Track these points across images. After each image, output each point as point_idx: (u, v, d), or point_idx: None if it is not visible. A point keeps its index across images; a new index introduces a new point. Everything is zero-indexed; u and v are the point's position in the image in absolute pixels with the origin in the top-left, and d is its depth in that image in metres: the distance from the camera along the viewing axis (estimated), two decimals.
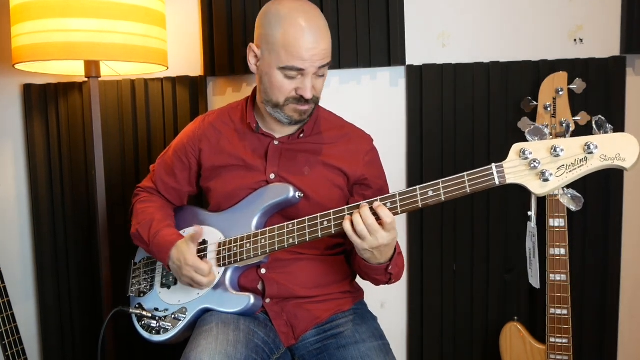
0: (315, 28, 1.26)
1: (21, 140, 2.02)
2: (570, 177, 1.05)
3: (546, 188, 1.06)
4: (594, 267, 1.84)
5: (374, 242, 1.15)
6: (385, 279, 1.29)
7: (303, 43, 1.24)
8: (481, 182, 1.10)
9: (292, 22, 1.25)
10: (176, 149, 1.48)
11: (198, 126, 1.46)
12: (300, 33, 1.24)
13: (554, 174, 1.05)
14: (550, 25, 1.85)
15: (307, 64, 1.26)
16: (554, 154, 1.05)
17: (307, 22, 1.25)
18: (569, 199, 1.11)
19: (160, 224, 1.41)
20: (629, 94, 1.81)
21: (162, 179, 1.50)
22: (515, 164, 1.08)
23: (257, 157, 1.39)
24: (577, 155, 1.04)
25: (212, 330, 1.23)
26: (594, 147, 1.03)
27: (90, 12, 1.49)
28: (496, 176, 1.09)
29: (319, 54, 1.26)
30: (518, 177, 1.08)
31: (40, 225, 1.99)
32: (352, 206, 1.20)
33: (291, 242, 1.26)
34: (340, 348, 1.30)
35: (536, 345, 1.75)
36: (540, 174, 1.06)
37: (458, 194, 1.11)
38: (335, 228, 1.21)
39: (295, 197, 1.32)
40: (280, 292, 1.35)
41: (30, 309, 2.07)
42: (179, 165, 1.47)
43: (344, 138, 1.41)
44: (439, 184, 1.13)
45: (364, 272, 1.32)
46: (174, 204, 1.52)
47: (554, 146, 1.05)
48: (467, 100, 1.85)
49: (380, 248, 1.16)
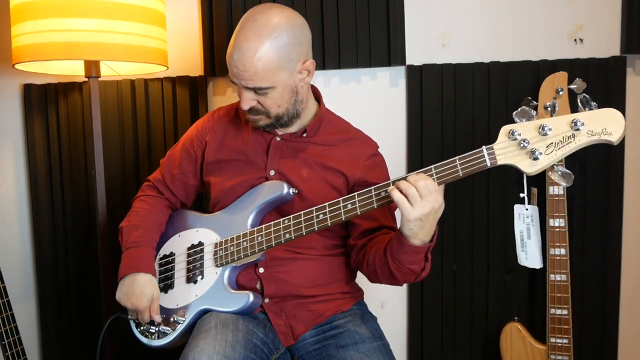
0: (244, 46, 1.22)
1: (21, 140, 2.02)
2: (559, 154, 1.07)
3: (536, 166, 1.08)
4: (594, 267, 1.84)
5: (425, 207, 1.09)
6: (419, 269, 1.20)
7: (229, 54, 1.25)
8: (472, 164, 1.11)
9: (237, 28, 1.26)
10: (185, 142, 1.50)
11: (207, 119, 1.48)
12: (230, 46, 1.26)
13: (544, 152, 1.07)
14: (550, 25, 1.85)
15: (235, 80, 1.27)
16: (542, 132, 1.07)
17: (241, 36, 1.24)
18: (559, 175, 1.12)
19: (143, 237, 1.41)
20: (629, 94, 1.81)
21: (170, 171, 1.51)
22: (504, 145, 1.10)
23: (258, 152, 1.39)
24: (565, 133, 1.07)
25: (211, 331, 1.23)
26: (581, 123, 1.05)
27: (90, 12, 1.50)
28: (487, 158, 1.10)
29: (241, 75, 1.24)
30: (508, 158, 1.10)
31: (40, 225, 1.99)
32: (346, 197, 1.20)
33: (288, 237, 1.26)
34: (339, 348, 1.29)
35: (536, 345, 1.75)
36: (529, 153, 1.08)
37: (450, 177, 1.12)
38: (331, 220, 1.21)
39: (289, 193, 1.32)
40: (279, 291, 1.35)
41: (30, 309, 2.07)
42: (186, 158, 1.48)
43: (347, 142, 1.39)
44: (431, 170, 1.14)
45: (397, 262, 1.20)
46: (179, 198, 1.52)
47: (541, 125, 1.07)
48: (467, 101, 1.85)
49: (429, 215, 1.11)
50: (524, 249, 1.36)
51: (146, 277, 1.35)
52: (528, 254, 1.36)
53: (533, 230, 1.33)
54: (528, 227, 1.31)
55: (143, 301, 1.33)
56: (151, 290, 1.35)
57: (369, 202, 1.19)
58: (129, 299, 1.34)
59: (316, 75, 1.90)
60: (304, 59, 1.29)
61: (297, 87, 1.30)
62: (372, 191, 1.18)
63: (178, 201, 1.53)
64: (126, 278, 1.35)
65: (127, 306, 1.35)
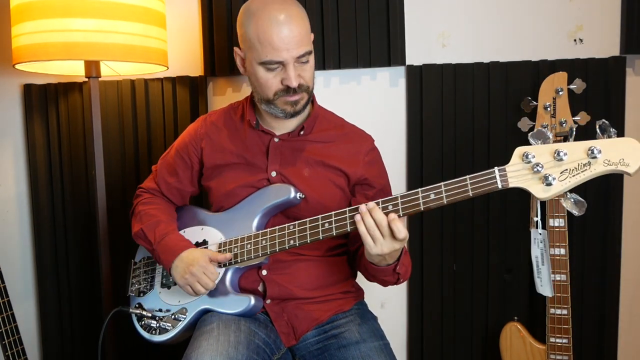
0: (285, 17, 1.25)
1: (21, 140, 2.02)
2: (573, 181, 1.04)
3: (549, 192, 1.05)
4: (594, 267, 1.84)
5: (384, 247, 1.14)
6: (394, 280, 1.28)
7: (274, 34, 1.24)
8: (484, 185, 1.09)
9: (261, 15, 1.26)
10: (178, 149, 1.48)
11: (200, 125, 1.47)
12: (268, 24, 1.25)
13: (557, 179, 1.04)
14: (550, 25, 1.85)
15: (284, 55, 1.26)
16: (557, 158, 1.04)
17: (276, 12, 1.25)
18: (572, 203, 1.09)
19: (168, 227, 1.41)
20: (628, 94, 1.81)
21: (165, 179, 1.50)
22: (517, 167, 1.07)
23: (258, 154, 1.39)
24: (581, 160, 1.03)
25: (213, 331, 1.23)
26: (598, 151, 1.02)
27: (90, 12, 1.49)
28: (499, 180, 1.08)
29: (292, 42, 1.25)
30: (521, 181, 1.07)
31: (40, 225, 1.99)
32: (353, 208, 1.20)
33: (292, 244, 1.26)
34: (340, 348, 1.30)
35: (536, 345, 1.75)
36: (543, 178, 1.05)
37: (460, 197, 1.10)
38: (336, 230, 1.21)
39: (296, 197, 1.32)
40: (281, 293, 1.35)
41: (30, 309, 2.07)
42: (181, 165, 1.47)
43: (344, 137, 1.40)
44: (441, 187, 1.12)
45: (371, 275, 1.31)
46: (176, 204, 1.52)
47: (557, 150, 1.03)
48: (467, 100, 1.85)
49: (391, 253, 1.16)
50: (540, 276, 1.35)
51: (187, 251, 1.34)
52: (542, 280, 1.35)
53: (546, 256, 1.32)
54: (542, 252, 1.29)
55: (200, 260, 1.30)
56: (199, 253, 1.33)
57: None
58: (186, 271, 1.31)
59: (316, 75, 1.90)
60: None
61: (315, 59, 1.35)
62: (380, 204, 1.17)
63: (175, 206, 1.53)
64: (173, 264, 1.34)
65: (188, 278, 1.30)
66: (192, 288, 1.32)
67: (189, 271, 1.31)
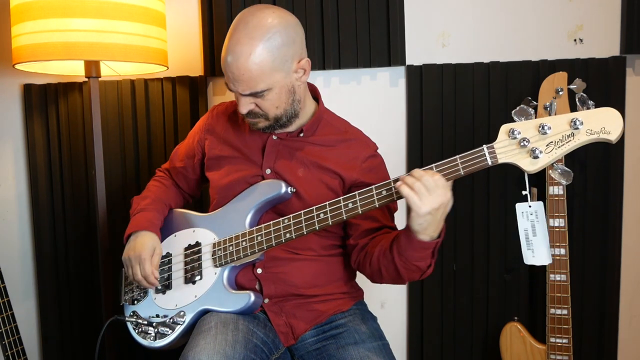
0: (236, 53, 1.21)
1: (21, 140, 2.02)
2: (559, 152, 1.09)
3: (537, 165, 1.10)
4: (594, 267, 1.84)
5: (434, 201, 1.09)
6: (425, 266, 1.20)
7: (224, 63, 1.24)
8: (473, 163, 1.12)
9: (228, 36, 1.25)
10: (189, 137, 1.55)
11: (208, 116, 1.51)
12: (224, 51, 1.25)
13: (544, 151, 1.09)
14: (550, 25, 1.85)
15: (230, 86, 1.26)
16: (541, 131, 1.08)
17: (230, 42, 1.23)
18: (559, 173, 1.15)
19: (150, 205, 1.46)
20: (628, 94, 1.81)
21: (174, 163, 1.57)
22: (505, 143, 1.11)
23: (255, 150, 1.39)
24: (564, 132, 1.08)
25: (211, 331, 1.23)
26: (580, 122, 1.07)
27: (90, 12, 1.50)
28: (488, 156, 1.12)
29: (237, 79, 1.23)
30: (509, 156, 1.11)
31: (40, 225, 1.99)
32: (348, 196, 1.20)
33: (288, 237, 1.26)
34: (339, 348, 1.29)
35: (536, 345, 1.75)
36: (530, 152, 1.09)
37: (452, 176, 1.13)
38: (332, 219, 1.21)
39: (287, 192, 1.32)
40: (278, 290, 1.35)
41: (30, 309, 2.07)
42: (188, 152, 1.53)
43: (344, 143, 1.38)
44: (432, 168, 1.14)
45: (403, 259, 1.20)
46: (182, 189, 1.58)
47: (541, 124, 1.08)
48: (467, 100, 1.85)
49: (439, 210, 1.11)
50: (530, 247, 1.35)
51: (149, 234, 1.40)
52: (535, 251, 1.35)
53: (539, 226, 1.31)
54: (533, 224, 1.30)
55: (144, 250, 1.35)
56: (152, 243, 1.38)
57: (370, 201, 1.19)
58: (132, 249, 1.37)
59: (316, 75, 1.92)
60: (299, 57, 1.29)
61: (294, 87, 1.30)
62: (374, 190, 1.18)
63: (183, 193, 1.59)
64: (131, 236, 1.41)
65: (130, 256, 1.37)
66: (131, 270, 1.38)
67: (128, 255, 1.38)
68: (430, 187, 1.09)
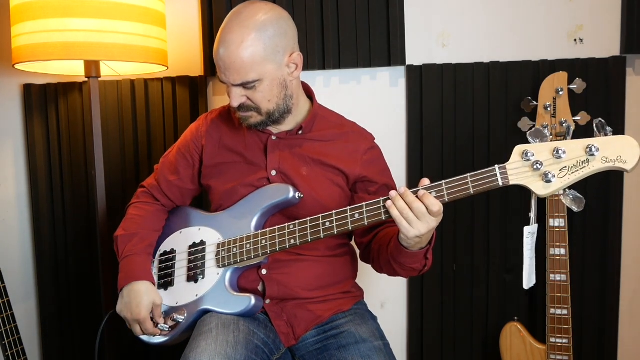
0: (228, 41, 1.23)
1: (21, 140, 2.02)
2: (572, 178, 1.06)
3: (549, 189, 1.07)
4: (594, 267, 1.84)
5: (422, 228, 1.11)
6: (421, 266, 1.24)
7: (216, 53, 1.26)
8: (484, 183, 1.10)
9: (220, 28, 1.26)
10: (180, 147, 1.48)
11: (201, 123, 1.47)
12: (216, 43, 1.26)
13: (557, 176, 1.06)
14: (550, 25, 1.85)
15: (222, 77, 1.27)
16: (556, 155, 1.06)
17: (222, 33, 1.25)
18: (571, 200, 1.12)
19: (139, 244, 1.40)
20: (629, 94, 1.81)
21: (166, 177, 1.49)
22: (517, 165, 1.09)
23: (257, 153, 1.39)
24: (579, 157, 1.05)
25: (212, 332, 1.23)
26: (596, 149, 1.04)
27: (90, 12, 1.50)
28: (499, 177, 1.09)
29: (228, 69, 1.24)
30: (521, 179, 1.09)
31: (40, 225, 1.99)
32: (354, 207, 1.19)
33: (292, 243, 1.26)
34: (340, 348, 1.29)
35: (536, 345, 1.75)
36: (543, 176, 1.07)
37: (461, 195, 1.11)
38: (337, 229, 1.21)
39: (295, 197, 1.31)
40: (281, 292, 1.35)
41: (30, 309, 2.07)
42: (183, 163, 1.47)
43: (343, 137, 1.39)
44: (442, 185, 1.12)
45: (398, 264, 1.25)
46: (175, 203, 1.51)
47: (556, 148, 1.06)
48: (467, 100, 1.85)
49: (427, 233, 1.13)
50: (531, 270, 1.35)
51: (144, 284, 1.35)
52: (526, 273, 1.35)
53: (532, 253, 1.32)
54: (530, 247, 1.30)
55: (142, 311, 1.32)
56: (150, 298, 1.34)
57: (377, 214, 1.18)
58: (129, 310, 1.34)
59: (316, 75, 1.92)
60: (291, 51, 1.29)
61: (285, 81, 1.30)
62: (381, 202, 1.16)
63: (174, 206, 1.52)
64: (124, 289, 1.35)
65: (128, 318, 1.34)
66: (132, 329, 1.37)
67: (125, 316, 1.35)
68: (420, 215, 1.11)
